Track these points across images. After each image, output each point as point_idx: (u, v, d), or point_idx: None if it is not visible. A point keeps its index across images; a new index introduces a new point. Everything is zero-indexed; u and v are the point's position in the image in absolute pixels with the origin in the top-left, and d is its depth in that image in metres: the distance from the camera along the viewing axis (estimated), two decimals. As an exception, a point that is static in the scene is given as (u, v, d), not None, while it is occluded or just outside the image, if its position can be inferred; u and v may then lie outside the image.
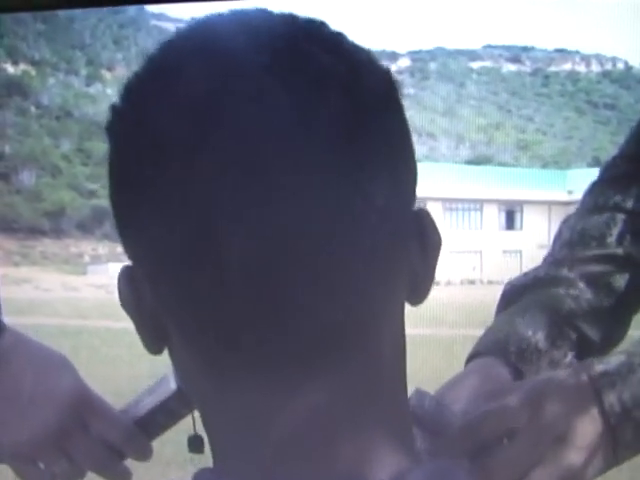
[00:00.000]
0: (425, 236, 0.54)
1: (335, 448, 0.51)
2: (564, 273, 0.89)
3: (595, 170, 0.99)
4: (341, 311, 0.49)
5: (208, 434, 0.56)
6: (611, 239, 0.90)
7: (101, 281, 18.74)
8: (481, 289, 17.15)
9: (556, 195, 22.31)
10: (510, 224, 25.33)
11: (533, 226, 22.84)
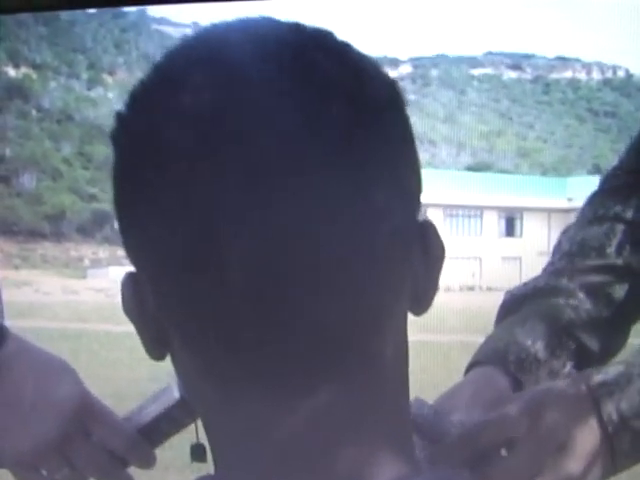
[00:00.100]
0: (429, 247, 0.55)
1: (336, 455, 0.51)
2: (564, 283, 0.89)
3: (595, 178, 1.00)
4: (342, 313, 0.50)
5: (210, 441, 0.57)
6: (611, 249, 0.90)
7: (101, 285, 18.68)
8: (480, 295, 17.11)
9: (556, 202, 22.26)
10: (510, 231, 25.26)
11: (533, 233, 22.77)
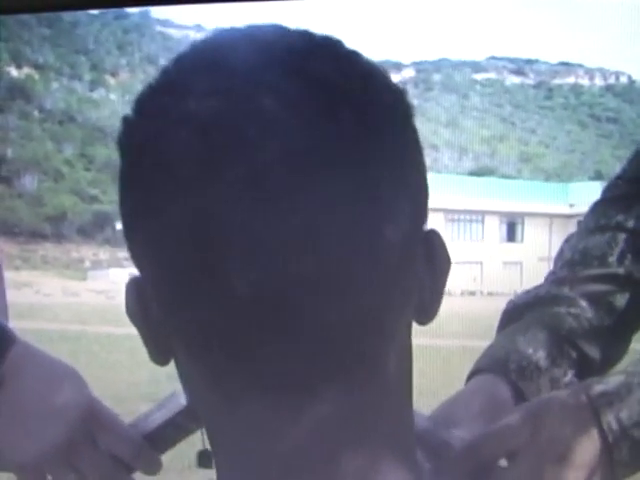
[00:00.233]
0: (434, 256, 0.55)
1: (340, 462, 0.51)
2: (565, 292, 0.89)
3: (597, 183, 1.00)
4: (344, 316, 0.49)
5: (212, 447, 0.56)
6: (612, 258, 0.90)
7: (101, 286, 18.72)
8: (481, 300, 17.12)
9: (558, 208, 22.28)
10: (511, 236, 25.28)
11: (534, 238, 22.77)
